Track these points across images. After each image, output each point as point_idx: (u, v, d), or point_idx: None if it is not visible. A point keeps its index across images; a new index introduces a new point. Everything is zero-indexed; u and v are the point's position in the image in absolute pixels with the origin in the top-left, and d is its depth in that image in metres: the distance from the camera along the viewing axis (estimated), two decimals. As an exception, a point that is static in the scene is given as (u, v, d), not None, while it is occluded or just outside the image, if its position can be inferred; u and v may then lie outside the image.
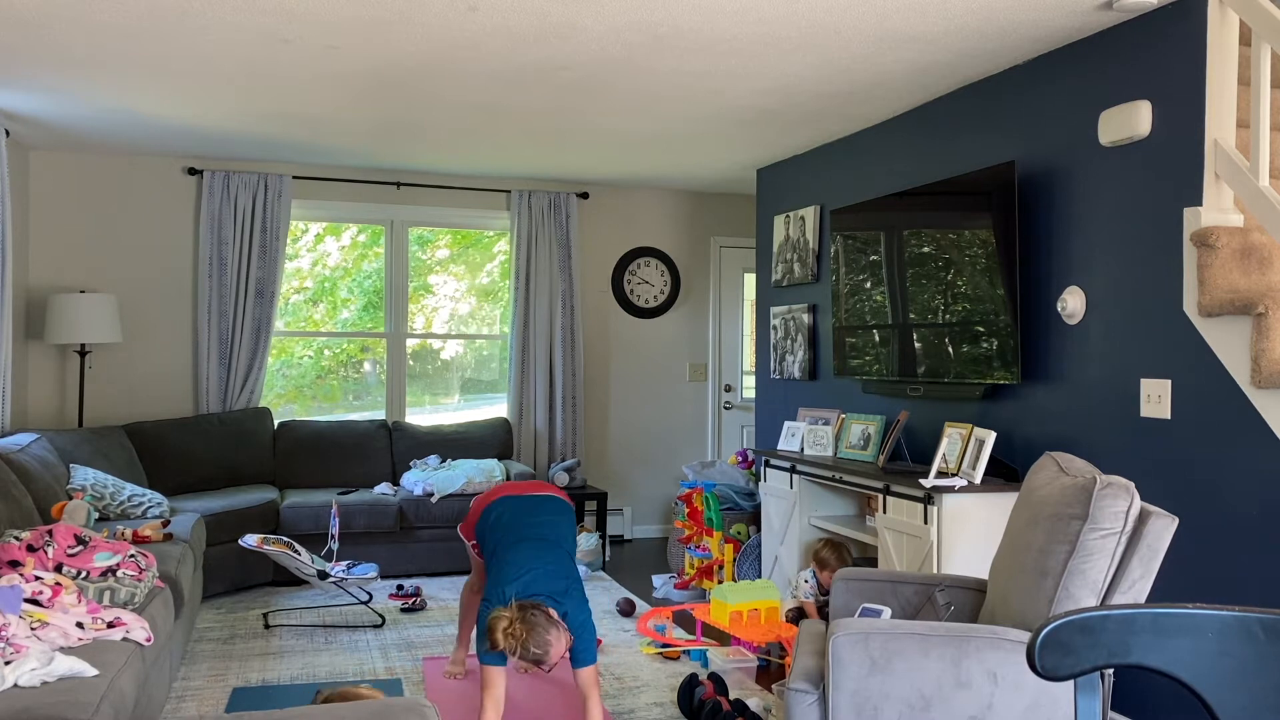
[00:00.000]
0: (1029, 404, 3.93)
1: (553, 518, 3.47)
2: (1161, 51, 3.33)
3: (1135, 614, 1.05)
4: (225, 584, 5.20)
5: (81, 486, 4.66)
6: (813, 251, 5.52)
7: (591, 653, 3.16)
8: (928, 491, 3.79)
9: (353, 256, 6.79)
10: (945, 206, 4.25)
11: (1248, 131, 3.22)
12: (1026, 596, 2.52)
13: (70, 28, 3.67)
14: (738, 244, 7.39)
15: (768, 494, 5.16)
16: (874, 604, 3.05)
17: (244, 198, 6.13)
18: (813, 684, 2.56)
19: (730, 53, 3.89)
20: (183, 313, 6.18)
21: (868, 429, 4.65)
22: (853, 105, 4.66)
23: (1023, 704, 2.42)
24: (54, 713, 2.18)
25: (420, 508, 5.71)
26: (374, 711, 1.72)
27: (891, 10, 3.41)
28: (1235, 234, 3.11)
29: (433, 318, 6.90)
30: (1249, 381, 2.97)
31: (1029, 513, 2.65)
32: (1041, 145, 3.88)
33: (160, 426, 5.75)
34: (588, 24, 3.58)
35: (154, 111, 4.94)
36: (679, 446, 7.26)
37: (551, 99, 4.61)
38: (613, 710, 3.64)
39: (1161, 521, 2.43)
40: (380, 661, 4.19)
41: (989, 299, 3.99)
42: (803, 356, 5.58)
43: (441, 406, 6.96)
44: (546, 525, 3.42)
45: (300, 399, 6.70)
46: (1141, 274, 3.40)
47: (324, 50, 3.92)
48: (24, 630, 2.57)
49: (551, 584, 3.18)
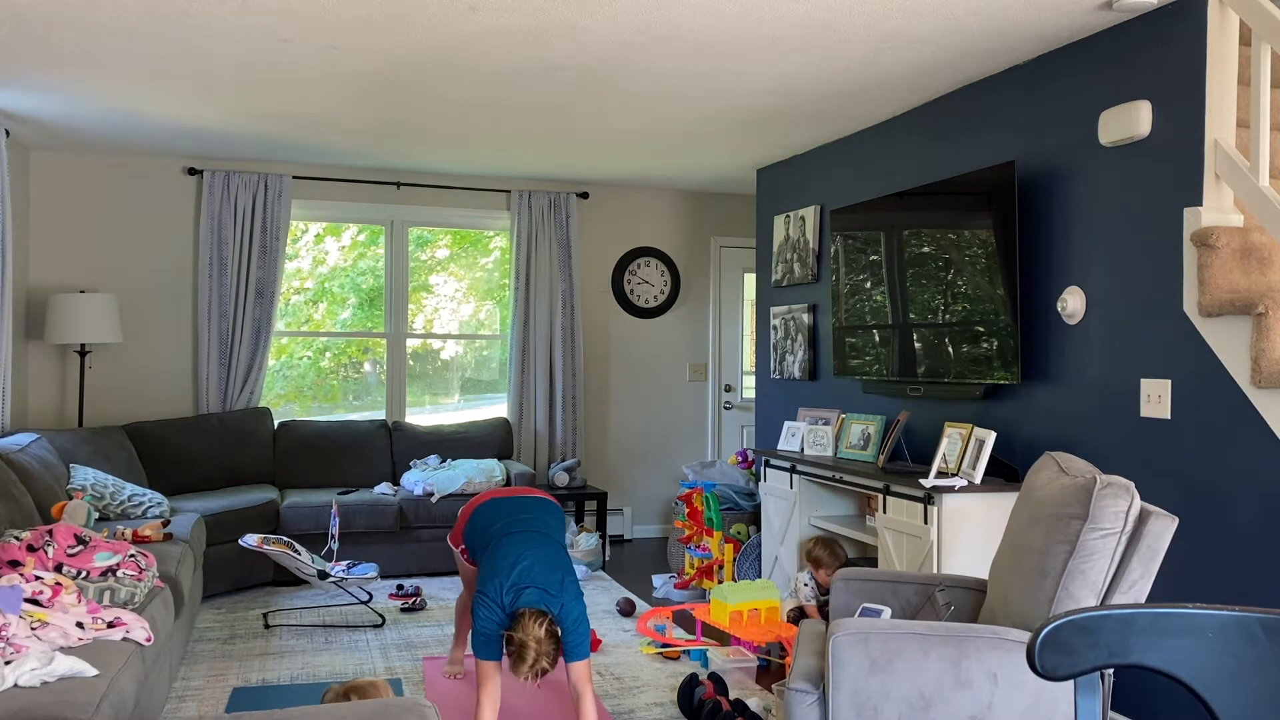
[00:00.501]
0: (1029, 404, 3.93)
1: (541, 513, 3.43)
2: (1161, 51, 3.33)
3: (1135, 614, 1.05)
4: (225, 584, 5.20)
5: (81, 486, 4.66)
6: (813, 251, 5.52)
7: (585, 647, 3.12)
8: (928, 491, 3.79)
9: (353, 256, 6.78)
10: (945, 206, 4.25)
11: (1248, 131, 3.22)
12: (1026, 596, 2.52)
13: (71, 28, 3.67)
14: (738, 244, 7.39)
15: (768, 494, 5.16)
16: (874, 604, 3.05)
17: (244, 198, 6.13)
18: (813, 684, 2.56)
19: (730, 53, 3.89)
20: (183, 313, 6.18)
21: (868, 429, 4.65)
22: (853, 105, 4.66)
23: (1023, 704, 2.42)
24: (54, 713, 2.18)
25: (420, 508, 5.71)
26: (374, 711, 1.72)
27: (891, 10, 3.41)
28: (1235, 234, 3.10)
29: (433, 318, 6.90)
30: (1249, 381, 2.97)
31: (1029, 513, 2.65)
32: (1041, 145, 3.88)
33: (160, 426, 5.75)
34: (588, 24, 3.58)
35: (154, 111, 4.95)
36: (679, 446, 7.26)
37: (551, 99, 4.61)
38: (612, 710, 3.64)
39: (1161, 521, 2.43)
40: (380, 661, 4.19)
41: (989, 299, 3.99)
42: (803, 356, 5.58)
43: (441, 406, 6.96)
44: (536, 520, 3.39)
45: (301, 399, 6.70)
46: (1142, 274, 3.40)
47: (324, 50, 3.92)
48: (24, 630, 2.57)
49: (547, 576, 3.12)
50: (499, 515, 3.40)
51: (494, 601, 3.07)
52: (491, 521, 3.40)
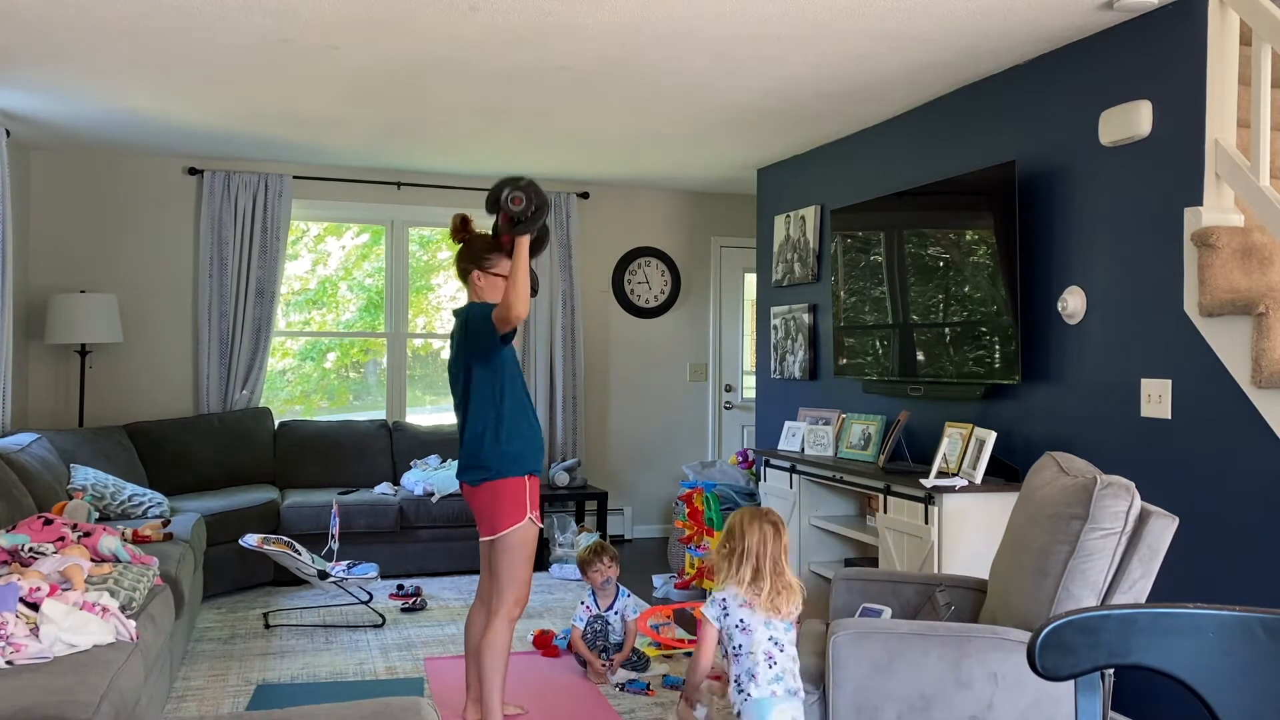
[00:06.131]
0: (1029, 404, 3.93)
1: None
2: (1162, 51, 3.33)
3: (1135, 614, 1.05)
4: (226, 584, 5.19)
5: (82, 486, 4.66)
6: (813, 251, 5.52)
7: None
8: (928, 491, 3.79)
9: (353, 256, 6.78)
10: (946, 206, 4.25)
11: (1248, 131, 3.22)
12: (1027, 596, 2.52)
13: (70, 28, 3.67)
14: (738, 244, 7.39)
15: (768, 494, 5.16)
16: (874, 604, 3.05)
17: (244, 198, 6.12)
18: (813, 684, 2.56)
19: (730, 53, 3.89)
20: (183, 313, 6.18)
21: (868, 429, 4.65)
22: (853, 105, 4.66)
23: (1023, 704, 2.42)
24: (54, 713, 2.18)
25: (420, 508, 5.71)
26: (374, 711, 1.72)
27: (892, 10, 3.41)
28: (1236, 234, 3.10)
29: (434, 318, 6.90)
30: (1249, 381, 2.97)
31: (1029, 512, 2.64)
32: (1042, 145, 3.88)
33: (160, 426, 5.75)
34: (588, 24, 3.58)
35: (154, 111, 4.95)
36: (679, 446, 7.26)
37: (551, 99, 4.61)
38: (614, 709, 3.64)
39: (1162, 521, 2.43)
40: (380, 661, 4.19)
41: (989, 299, 3.99)
42: (803, 356, 5.58)
43: (442, 406, 6.96)
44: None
45: (306, 402, 6.70)
46: (1142, 274, 3.39)
47: (324, 50, 3.92)
48: (23, 630, 2.57)
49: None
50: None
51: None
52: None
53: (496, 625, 3.16)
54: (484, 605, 3.35)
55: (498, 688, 3.16)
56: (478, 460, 3.15)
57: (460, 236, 3.33)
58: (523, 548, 3.17)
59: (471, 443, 3.16)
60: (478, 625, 3.36)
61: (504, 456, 3.14)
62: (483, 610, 3.35)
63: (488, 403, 3.16)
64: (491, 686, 3.16)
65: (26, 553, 3.18)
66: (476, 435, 3.16)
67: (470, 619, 3.41)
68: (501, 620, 3.16)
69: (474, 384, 3.18)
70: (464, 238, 3.33)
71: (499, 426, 3.15)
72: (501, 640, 3.16)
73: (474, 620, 3.39)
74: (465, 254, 3.32)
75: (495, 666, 3.15)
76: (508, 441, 3.14)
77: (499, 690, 3.17)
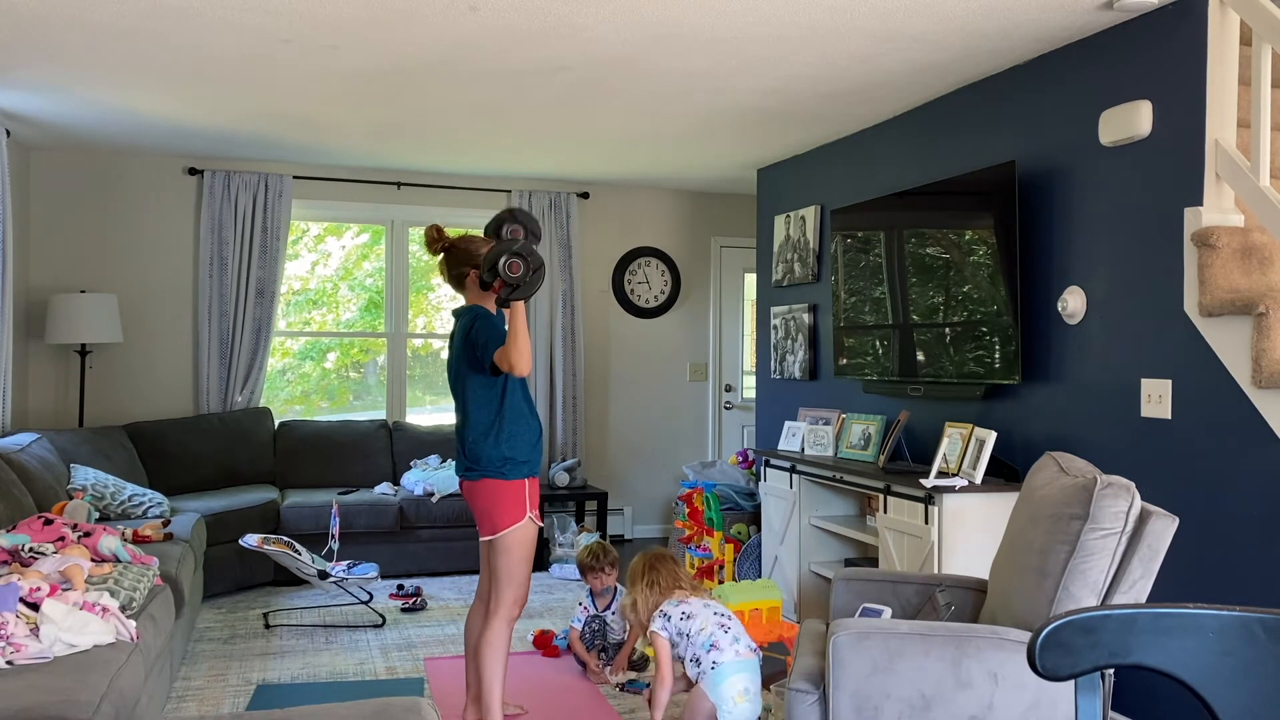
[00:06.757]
0: (1029, 404, 3.93)
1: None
2: (1162, 51, 3.33)
3: (1136, 614, 1.05)
4: (226, 584, 5.19)
5: (82, 486, 4.66)
6: (813, 251, 5.52)
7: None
8: (928, 491, 3.79)
9: (353, 256, 6.78)
10: (946, 206, 4.25)
11: (1248, 131, 3.22)
12: (1027, 596, 2.52)
13: (70, 28, 3.67)
14: (738, 244, 7.39)
15: (768, 494, 5.16)
16: (874, 604, 3.05)
17: (244, 198, 6.13)
18: (813, 684, 2.56)
19: (730, 53, 3.89)
20: (183, 313, 6.18)
21: (868, 429, 4.65)
22: (853, 105, 4.66)
23: (1023, 704, 2.42)
24: (54, 713, 2.18)
25: (420, 508, 5.71)
26: (374, 711, 1.72)
27: (892, 10, 3.41)
28: (1236, 234, 3.10)
29: (433, 318, 6.89)
30: (1250, 381, 2.97)
31: (1029, 512, 2.64)
32: (1042, 145, 3.88)
33: (160, 426, 5.75)
34: (588, 24, 3.58)
35: (154, 111, 4.95)
36: (679, 446, 7.26)
37: (551, 99, 4.61)
38: (614, 708, 3.64)
39: (1162, 521, 2.43)
40: (380, 661, 4.19)
41: (989, 299, 3.99)
42: (803, 356, 5.58)
43: (442, 406, 6.96)
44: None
45: (306, 402, 6.70)
46: (1142, 274, 3.39)
47: (324, 50, 3.92)
48: (23, 630, 2.57)
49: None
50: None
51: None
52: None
53: (495, 625, 3.15)
54: (484, 605, 3.34)
55: (497, 688, 3.16)
56: (478, 462, 3.15)
57: (438, 247, 3.28)
58: (521, 548, 3.17)
59: (471, 445, 3.16)
60: (477, 625, 3.36)
61: (504, 460, 3.13)
62: (482, 610, 3.35)
63: (487, 405, 3.15)
64: (490, 686, 3.15)
65: (27, 553, 3.18)
66: (476, 437, 3.15)
67: (470, 619, 3.40)
68: (500, 620, 3.16)
69: (474, 386, 3.17)
70: (443, 247, 3.28)
71: (499, 429, 3.14)
72: (500, 640, 3.15)
73: (474, 620, 3.39)
74: (454, 259, 3.29)
75: (494, 666, 3.15)
76: (508, 444, 3.14)
77: (498, 690, 3.16)
